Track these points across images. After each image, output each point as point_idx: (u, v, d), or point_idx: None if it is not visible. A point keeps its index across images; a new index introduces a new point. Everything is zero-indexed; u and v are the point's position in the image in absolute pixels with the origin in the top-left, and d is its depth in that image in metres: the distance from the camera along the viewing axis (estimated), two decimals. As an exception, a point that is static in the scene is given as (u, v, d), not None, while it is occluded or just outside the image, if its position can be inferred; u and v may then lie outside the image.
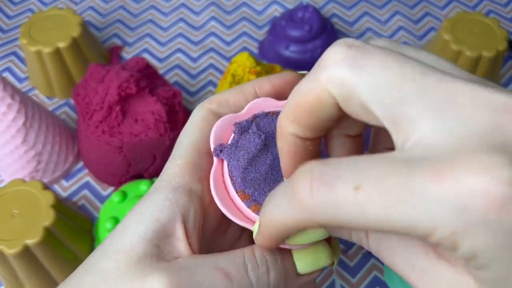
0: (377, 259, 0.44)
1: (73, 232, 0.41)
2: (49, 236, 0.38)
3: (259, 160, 0.24)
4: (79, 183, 0.49)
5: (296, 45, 0.54)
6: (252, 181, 0.23)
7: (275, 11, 0.63)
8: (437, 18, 0.62)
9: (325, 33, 0.55)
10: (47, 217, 0.38)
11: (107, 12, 0.63)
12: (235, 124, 0.25)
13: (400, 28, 0.61)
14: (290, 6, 0.63)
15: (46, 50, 0.50)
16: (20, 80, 0.57)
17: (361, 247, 0.44)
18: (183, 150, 0.25)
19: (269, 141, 0.24)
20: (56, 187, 0.49)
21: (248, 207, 0.23)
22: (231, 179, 0.24)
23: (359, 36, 0.60)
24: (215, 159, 0.24)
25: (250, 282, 0.22)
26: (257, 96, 0.26)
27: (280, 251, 0.24)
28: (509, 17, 0.62)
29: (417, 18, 0.62)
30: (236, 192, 0.23)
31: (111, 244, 0.23)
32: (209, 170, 0.25)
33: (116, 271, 0.22)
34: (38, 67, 0.52)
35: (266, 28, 0.61)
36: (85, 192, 0.48)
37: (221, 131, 0.25)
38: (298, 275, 0.24)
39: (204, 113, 0.26)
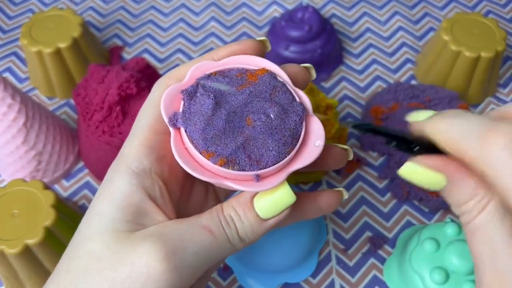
0: (376, 258, 0.44)
1: (74, 232, 0.41)
2: (50, 236, 0.38)
3: (214, 118, 0.25)
4: (80, 183, 0.49)
5: (296, 45, 0.54)
6: (213, 138, 0.25)
7: (275, 11, 0.63)
8: (436, 18, 0.62)
9: (325, 33, 0.55)
10: (48, 217, 0.38)
11: (108, 13, 0.63)
12: (182, 91, 0.26)
13: (399, 28, 0.61)
14: (289, 7, 0.63)
15: (47, 50, 0.50)
16: (20, 80, 0.57)
17: (361, 247, 0.44)
18: (139, 130, 0.26)
19: (218, 99, 0.25)
20: (56, 187, 0.49)
21: (215, 163, 0.24)
22: (192, 143, 0.25)
23: (358, 37, 0.60)
24: (171, 129, 0.25)
25: (227, 237, 0.25)
26: None
27: (242, 205, 0.25)
28: (508, 18, 0.62)
29: (416, 18, 0.62)
30: (200, 153, 0.24)
31: (89, 230, 0.24)
32: (166, 147, 0.26)
33: (106, 249, 0.23)
34: (38, 67, 0.52)
35: (266, 29, 0.61)
36: (86, 192, 0.49)
37: (170, 102, 0.26)
38: (264, 220, 0.26)
39: (163, 90, 0.26)
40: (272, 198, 0.25)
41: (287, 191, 0.25)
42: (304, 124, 0.26)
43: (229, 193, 0.32)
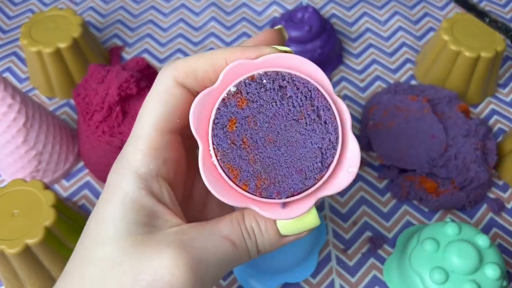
0: (376, 258, 0.44)
1: (74, 232, 0.41)
2: (50, 236, 0.38)
3: (247, 134, 0.24)
4: (80, 183, 0.49)
5: (296, 45, 0.54)
6: (241, 156, 0.24)
7: (275, 11, 0.63)
8: (436, 18, 0.62)
9: (325, 33, 0.55)
10: (48, 217, 0.38)
11: (107, 13, 0.63)
12: (222, 105, 0.24)
13: (399, 28, 0.61)
14: (289, 7, 0.63)
15: (47, 50, 0.50)
16: (20, 80, 0.57)
17: (361, 247, 0.44)
18: (144, 130, 0.25)
19: (254, 112, 0.24)
20: (56, 187, 0.49)
21: (240, 185, 0.23)
22: (218, 158, 0.24)
23: (358, 37, 0.60)
24: (200, 144, 0.24)
25: (247, 248, 0.25)
26: None
27: (265, 219, 0.25)
28: (508, 18, 0.63)
29: (416, 18, 0.62)
30: (226, 169, 0.24)
31: (101, 234, 0.23)
32: (172, 148, 0.25)
33: (123, 255, 0.22)
34: (38, 67, 0.52)
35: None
36: (86, 192, 0.49)
37: (200, 111, 0.24)
38: (283, 236, 0.26)
39: (169, 84, 0.25)
40: (297, 221, 0.25)
41: (313, 216, 0.25)
42: (339, 144, 0.24)
43: None
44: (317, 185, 0.24)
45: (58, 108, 0.54)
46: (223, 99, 0.24)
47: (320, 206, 0.47)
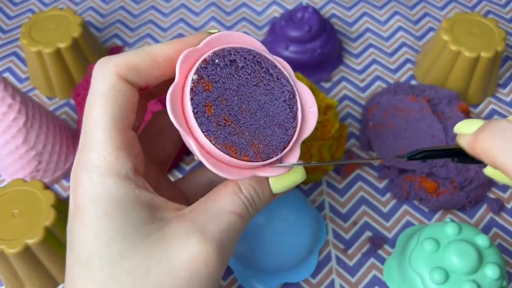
0: (376, 258, 0.44)
1: (74, 232, 0.41)
2: (50, 236, 0.38)
3: (225, 110, 0.26)
4: (80, 183, 0.49)
5: (296, 45, 0.54)
6: (230, 132, 0.25)
7: (275, 11, 0.63)
8: (436, 18, 0.62)
9: (325, 33, 0.55)
10: (48, 217, 0.38)
11: (107, 13, 0.63)
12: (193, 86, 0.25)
13: (399, 28, 0.61)
14: (289, 7, 0.63)
15: (47, 50, 0.50)
16: (20, 80, 0.57)
17: (361, 247, 0.44)
18: (104, 133, 0.24)
19: (221, 90, 0.26)
20: (56, 187, 0.49)
21: (241, 158, 0.25)
22: (210, 139, 0.25)
23: (358, 37, 0.60)
24: (197, 132, 0.25)
25: (250, 214, 0.27)
26: (171, 60, 0.26)
27: (260, 185, 0.27)
28: (508, 18, 0.63)
29: (416, 18, 0.62)
30: (221, 148, 0.25)
31: (120, 251, 0.23)
32: (134, 144, 0.26)
33: (149, 261, 0.23)
34: (38, 67, 0.52)
35: (266, 29, 0.61)
36: (86, 192, 0.48)
37: (175, 107, 0.25)
38: (274, 194, 0.28)
39: (114, 80, 0.25)
40: (290, 179, 0.27)
41: (302, 172, 0.28)
42: (296, 91, 0.27)
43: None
44: (297, 131, 0.27)
45: (58, 108, 0.54)
46: (191, 89, 0.25)
47: (320, 206, 0.47)
